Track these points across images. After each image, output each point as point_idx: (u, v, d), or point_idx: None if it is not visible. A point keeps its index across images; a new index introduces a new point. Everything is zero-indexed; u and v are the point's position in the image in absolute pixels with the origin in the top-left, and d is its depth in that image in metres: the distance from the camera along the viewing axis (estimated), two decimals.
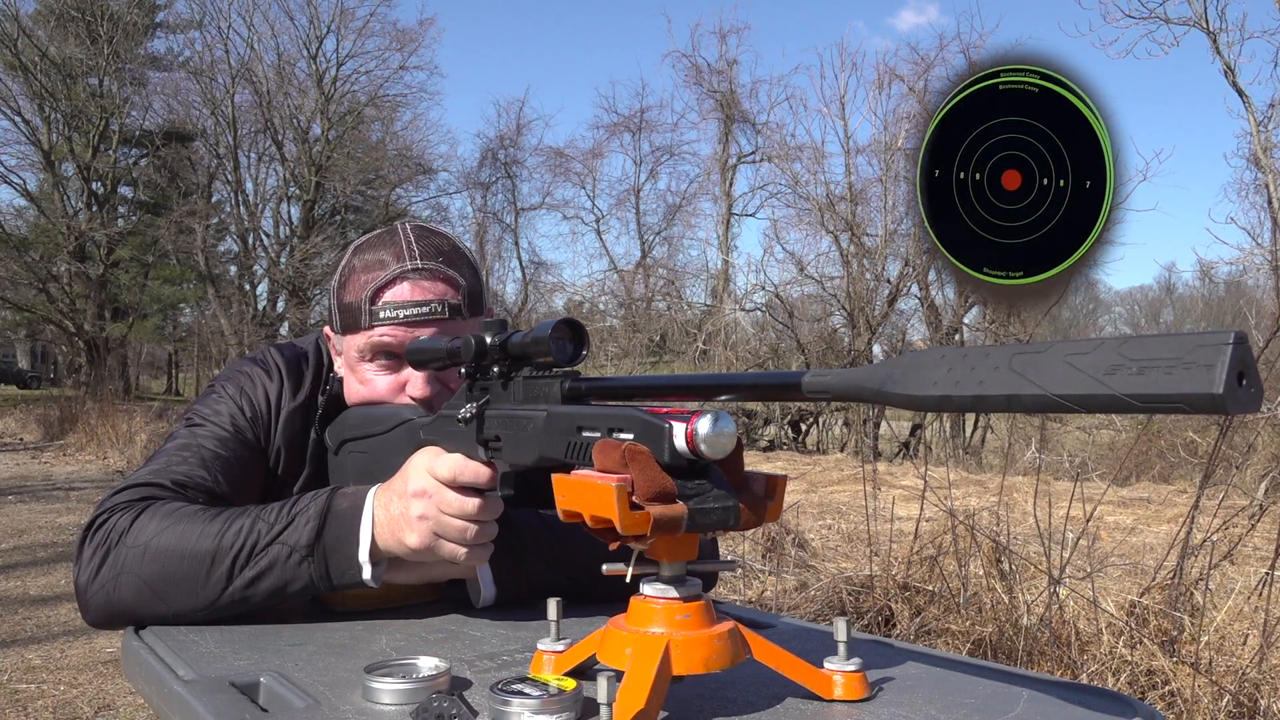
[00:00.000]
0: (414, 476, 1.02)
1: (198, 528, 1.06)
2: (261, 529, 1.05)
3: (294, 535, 1.04)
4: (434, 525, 1.01)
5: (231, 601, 1.05)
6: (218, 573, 1.04)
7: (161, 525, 1.07)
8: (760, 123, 20.95)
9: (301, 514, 1.05)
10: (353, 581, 1.04)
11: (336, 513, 1.05)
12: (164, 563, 1.05)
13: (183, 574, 1.05)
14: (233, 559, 1.04)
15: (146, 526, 1.07)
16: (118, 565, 1.06)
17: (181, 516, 1.08)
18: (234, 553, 1.04)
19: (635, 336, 19.74)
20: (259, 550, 1.04)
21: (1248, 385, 0.49)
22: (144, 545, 1.06)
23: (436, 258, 1.21)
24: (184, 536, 1.06)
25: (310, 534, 1.04)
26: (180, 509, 1.09)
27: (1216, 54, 11.66)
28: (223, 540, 1.05)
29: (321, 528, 1.04)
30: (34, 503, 8.03)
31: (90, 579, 1.08)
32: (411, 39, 25.86)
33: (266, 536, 1.04)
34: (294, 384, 1.29)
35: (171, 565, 1.05)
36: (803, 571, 4.16)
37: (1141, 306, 41.33)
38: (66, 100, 24.41)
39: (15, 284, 24.60)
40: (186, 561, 1.04)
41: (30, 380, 32.28)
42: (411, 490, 1.01)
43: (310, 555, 1.04)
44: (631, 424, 0.76)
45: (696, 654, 0.75)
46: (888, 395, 0.63)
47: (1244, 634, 2.81)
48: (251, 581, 1.04)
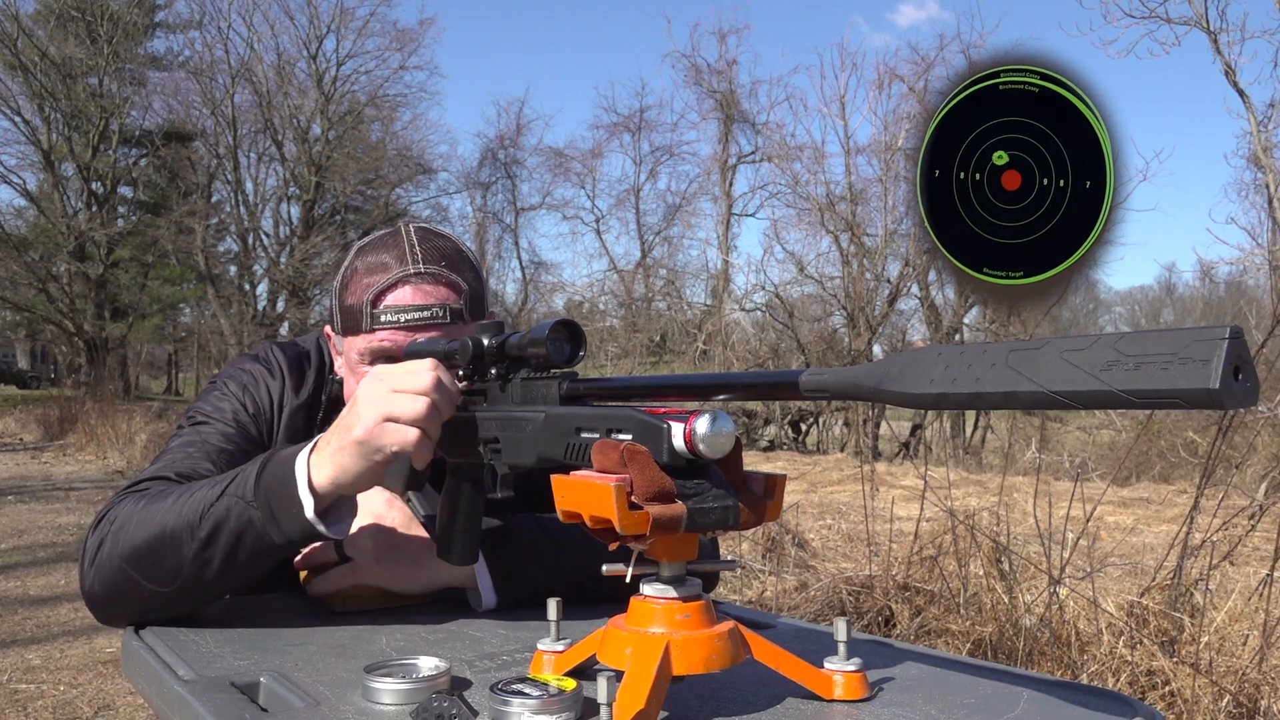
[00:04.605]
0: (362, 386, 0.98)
1: (165, 503, 1.05)
2: (214, 485, 1.03)
3: (239, 485, 1.02)
4: (382, 407, 0.95)
5: (196, 570, 1.02)
6: (179, 539, 1.02)
7: (137, 506, 1.07)
8: (760, 123, 20.97)
9: (249, 465, 1.04)
10: (300, 525, 0.99)
11: (278, 457, 1.02)
12: (134, 539, 1.04)
13: (150, 548, 1.03)
14: (187, 522, 1.02)
15: (124, 511, 1.07)
16: (104, 555, 1.07)
17: (155, 496, 1.07)
18: (188, 516, 1.02)
19: (635, 336, 19.73)
20: (209, 507, 1.02)
21: (1244, 380, 0.49)
22: (120, 529, 1.06)
23: (439, 261, 1.21)
24: (153, 512, 1.05)
25: (253, 478, 1.01)
26: (160, 490, 1.09)
27: (1217, 54, 11.67)
28: (182, 506, 1.03)
29: (262, 470, 1.01)
30: (34, 503, 8.03)
31: (84, 573, 1.08)
32: (411, 39, 25.89)
33: (215, 491, 1.02)
34: (296, 382, 1.29)
35: (140, 540, 1.04)
36: (803, 571, 4.16)
37: (1141, 306, 41.37)
38: (66, 100, 24.40)
39: (15, 284, 24.60)
40: (154, 534, 1.03)
41: (30, 380, 32.26)
42: (362, 395, 0.97)
43: (254, 500, 1.00)
44: (630, 424, 0.76)
45: (696, 654, 0.75)
46: (885, 393, 0.63)
47: (1244, 634, 2.81)
48: (205, 542, 1.01)
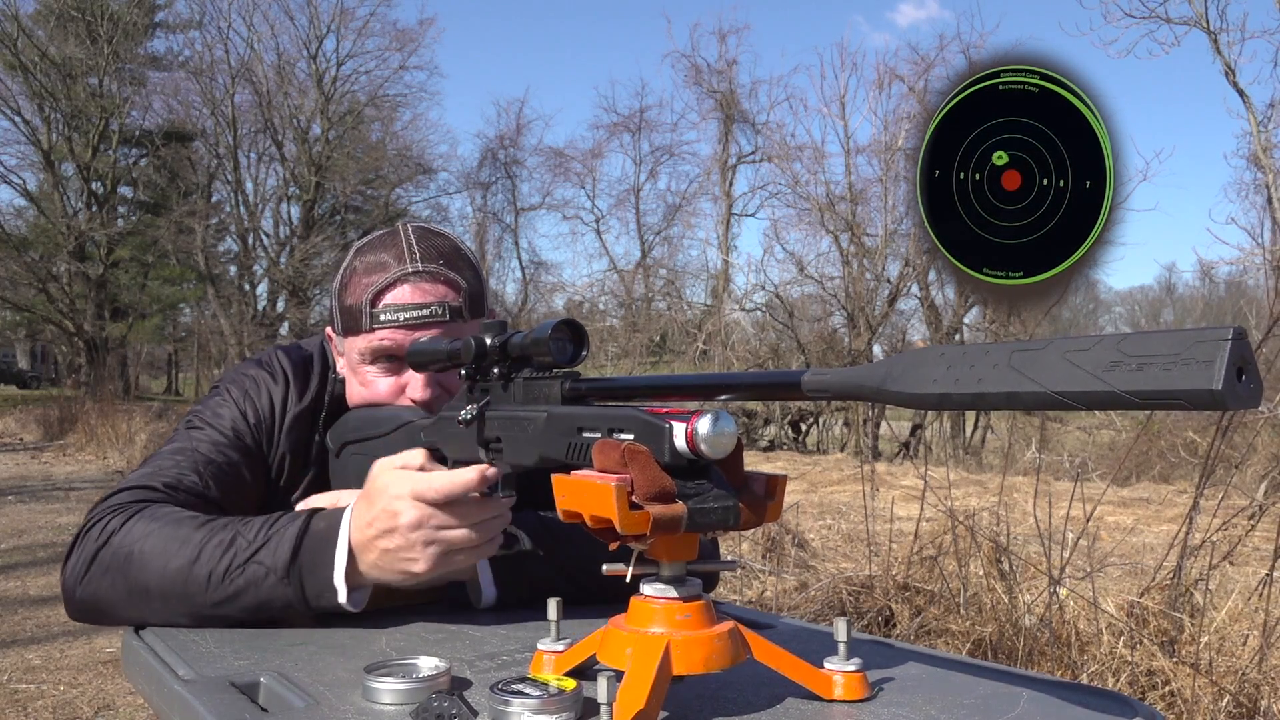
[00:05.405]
0: (404, 509, 0.98)
1: (179, 539, 1.05)
2: (241, 545, 1.04)
3: (270, 556, 1.03)
4: (441, 547, 0.99)
5: (211, 615, 1.04)
6: (195, 587, 1.03)
7: (146, 530, 1.06)
8: (760, 123, 20.95)
9: (278, 534, 1.04)
10: (329, 605, 1.03)
11: (313, 534, 1.03)
12: (145, 569, 1.04)
13: (163, 582, 1.04)
14: (209, 573, 1.03)
15: (132, 531, 1.07)
16: (102, 568, 1.06)
17: (167, 523, 1.07)
18: (211, 567, 1.03)
19: (635, 336, 19.73)
20: (235, 568, 1.03)
21: (1247, 381, 0.49)
22: (128, 551, 1.06)
23: (437, 260, 1.21)
24: (166, 547, 1.05)
25: (286, 555, 1.02)
26: (168, 515, 1.09)
27: (1217, 54, 11.66)
28: (202, 552, 1.03)
29: (298, 549, 1.02)
30: (34, 503, 8.03)
31: (77, 579, 1.08)
32: (411, 39, 25.88)
33: (244, 554, 1.03)
34: (300, 388, 1.28)
35: (152, 573, 1.04)
36: (803, 571, 4.16)
37: (1142, 306, 41.37)
38: (66, 100, 24.40)
39: (15, 284, 24.59)
40: (168, 570, 1.04)
41: (30, 380, 32.27)
42: (407, 523, 0.98)
43: (286, 577, 1.02)
44: (631, 424, 0.76)
45: (696, 654, 0.75)
46: (887, 394, 0.63)
47: (1244, 634, 2.81)
48: (229, 598, 1.03)
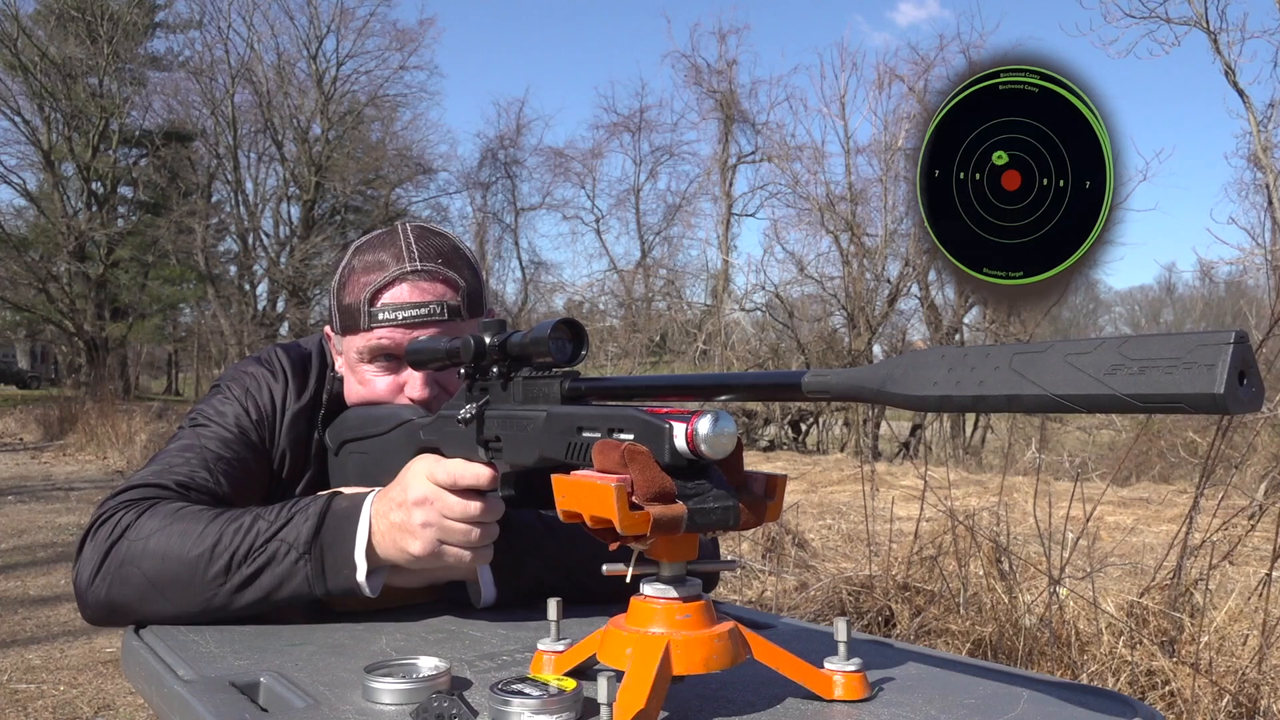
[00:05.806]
0: (414, 484, 1.01)
1: (198, 526, 1.06)
2: (261, 526, 1.05)
3: (292, 532, 1.04)
4: (438, 531, 1.00)
5: (227, 600, 1.05)
6: (215, 568, 1.04)
7: (163, 523, 1.07)
8: (760, 123, 20.93)
9: (301, 512, 1.06)
10: (347, 585, 1.04)
11: (335, 512, 1.05)
12: (164, 559, 1.05)
13: (181, 570, 1.05)
14: (230, 555, 1.04)
15: (147, 524, 1.08)
16: (118, 562, 1.07)
17: (183, 516, 1.08)
18: (232, 549, 1.04)
19: (635, 336, 19.71)
20: (257, 547, 1.04)
21: (1249, 385, 0.49)
22: (145, 543, 1.06)
23: (436, 259, 1.21)
24: (185, 534, 1.06)
25: (309, 531, 1.04)
26: (182, 509, 1.10)
27: (1217, 54, 11.66)
28: (222, 537, 1.05)
29: (320, 526, 1.04)
30: (34, 503, 8.03)
31: (91, 576, 1.08)
32: (411, 39, 25.89)
33: (266, 533, 1.05)
34: (299, 385, 1.29)
35: (171, 562, 1.05)
36: (803, 571, 4.16)
37: (1142, 306, 41.34)
38: (66, 100, 24.39)
39: (15, 284, 24.58)
40: (186, 558, 1.05)
41: (30, 380, 32.25)
42: (413, 498, 1.01)
43: (308, 553, 1.04)
44: (631, 424, 0.76)
45: (696, 654, 0.75)
46: (888, 395, 0.62)
47: (1244, 634, 2.81)
48: (248, 579, 1.04)
